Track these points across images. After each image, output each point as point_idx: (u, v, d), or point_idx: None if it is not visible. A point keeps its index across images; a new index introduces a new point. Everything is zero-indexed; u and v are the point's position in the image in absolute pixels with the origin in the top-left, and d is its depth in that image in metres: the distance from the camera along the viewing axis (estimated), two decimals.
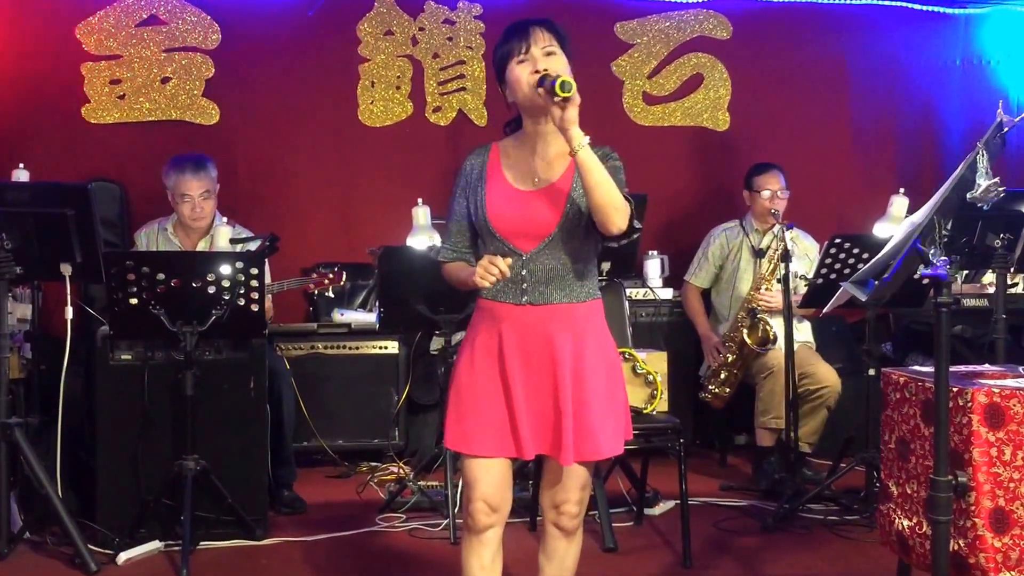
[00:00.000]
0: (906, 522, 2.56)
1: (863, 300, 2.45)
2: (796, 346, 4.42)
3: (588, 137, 2.24)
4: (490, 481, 2.38)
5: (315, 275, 4.29)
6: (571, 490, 2.41)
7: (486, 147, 2.45)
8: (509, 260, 2.29)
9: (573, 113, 2.21)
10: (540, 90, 2.23)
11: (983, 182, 2.23)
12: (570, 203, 2.32)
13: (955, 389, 2.38)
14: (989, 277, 4.75)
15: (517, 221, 2.34)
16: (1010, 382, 2.46)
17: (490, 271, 2.24)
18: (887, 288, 2.28)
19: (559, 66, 2.31)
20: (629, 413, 2.49)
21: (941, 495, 2.21)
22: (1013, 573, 2.32)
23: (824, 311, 3.88)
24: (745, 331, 4.49)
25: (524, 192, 2.36)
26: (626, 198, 2.29)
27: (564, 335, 2.34)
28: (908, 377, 2.60)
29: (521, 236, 2.34)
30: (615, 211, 2.25)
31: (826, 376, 4.45)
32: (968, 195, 2.25)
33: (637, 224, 2.31)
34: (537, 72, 2.27)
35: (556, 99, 2.18)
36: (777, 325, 4.38)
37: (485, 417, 2.35)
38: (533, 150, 2.38)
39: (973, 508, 2.33)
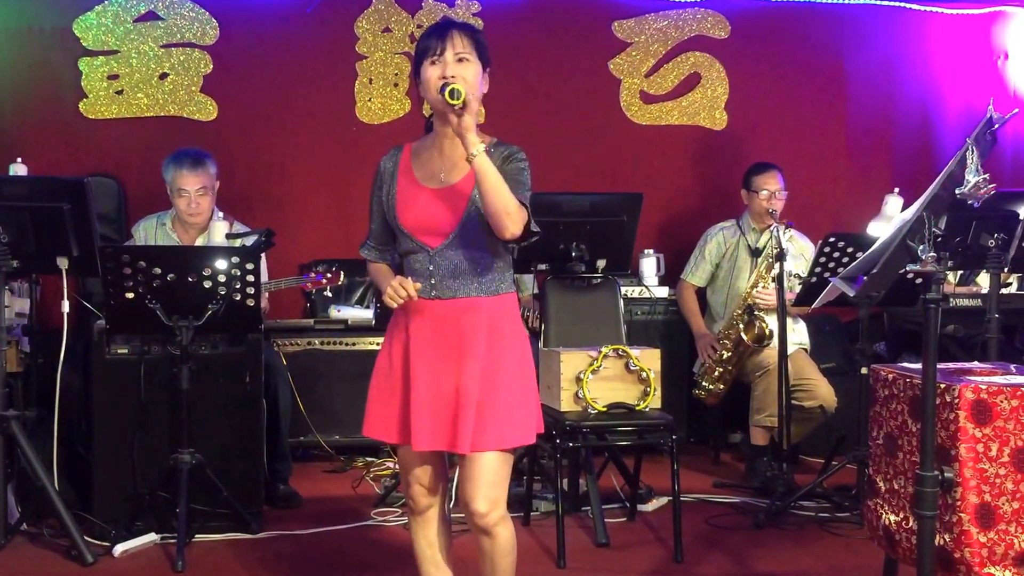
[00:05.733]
0: (893, 517, 2.57)
1: (852, 296, 2.46)
2: (792, 349, 4.44)
3: (484, 144, 2.32)
4: (420, 465, 2.51)
5: (313, 274, 4.31)
6: (477, 485, 2.39)
7: (399, 148, 2.54)
8: (419, 285, 2.39)
9: (469, 121, 2.29)
10: (441, 96, 2.30)
11: (972, 178, 2.23)
12: (471, 202, 2.39)
13: (942, 385, 2.39)
14: (984, 278, 4.76)
15: (422, 217, 2.43)
16: (997, 378, 2.47)
17: (399, 292, 2.36)
18: (875, 283, 2.29)
19: (469, 74, 2.38)
20: (540, 407, 2.53)
21: (927, 490, 2.22)
22: (998, 568, 2.34)
23: (813, 306, 3.91)
24: (742, 328, 4.51)
25: (430, 190, 2.44)
26: (523, 203, 2.35)
27: (473, 328, 2.40)
28: (896, 373, 2.61)
29: (426, 232, 2.43)
30: (507, 217, 2.31)
31: (824, 396, 4.45)
32: (957, 191, 2.25)
33: (535, 228, 2.38)
34: (443, 78, 2.34)
35: (449, 106, 2.27)
36: (772, 323, 4.40)
37: (389, 407, 2.46)
38: (441, 150, 2.47)
39: (959, 503, 2.35)
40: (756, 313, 4.49)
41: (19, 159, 4.43)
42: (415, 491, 2.54)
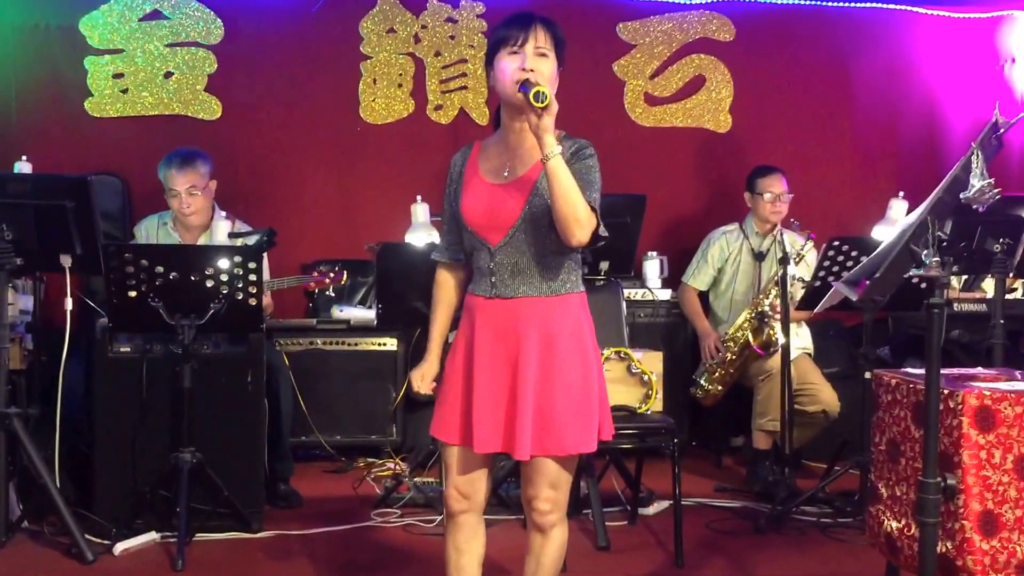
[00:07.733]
0: (895, 524, 2.56)
1: (854, 300, 2.45)
2: (796, 354, 4.42)
3: (560, 147, 2.26)
4: (463, 469, 2.46)
5: (315, 273, 4.31)
6: (539, 486, 2.39)
7: (470, 145, 2.51)
8: (434, 385, 2.51)
9: (548, 121, 2.24)
10: (520, 93, 2.25)
11: (977, 183, 2.22)
12: (534, 196, 2.34)
13: (946, 391, 2.38)
14: (989, 283, 4.74)
15: (484, 214, 2.39)
16: (1002, 385, 2.46)
17: (417, 383, 2.54)
18: (878, 288, 2.28)
19: (547, 69, 2.34)
20: (608, 412, 2.47)
21: (930, 497, 2.21)
22: None
23: (816, 311, 3.89)
24: (750, 333, 4.48)
25: (493, 185, 2.40)
26: (592, 207, 2.29)
27: (532, 328, 2.35)
28: (900, 379, 2.60)
29: (488, 228, 2.39)
30: (576, 223, 2.25)
31: (827, 400, 4.44)
32: (961, 195, 2.24)
33: (603, 233, 2.32)
34: (523, 71, 2.29)
35: (531, 107, 2.22)
36: (780, 332, 4.37)
37: (453, 407, 2.43)
38: (507, 144, 2.43)
39: (962, 511, 2.34)
40: (767, 320, 4.46)
41: (24, 157, 4.44)
42: (451, 494, 2.49)
